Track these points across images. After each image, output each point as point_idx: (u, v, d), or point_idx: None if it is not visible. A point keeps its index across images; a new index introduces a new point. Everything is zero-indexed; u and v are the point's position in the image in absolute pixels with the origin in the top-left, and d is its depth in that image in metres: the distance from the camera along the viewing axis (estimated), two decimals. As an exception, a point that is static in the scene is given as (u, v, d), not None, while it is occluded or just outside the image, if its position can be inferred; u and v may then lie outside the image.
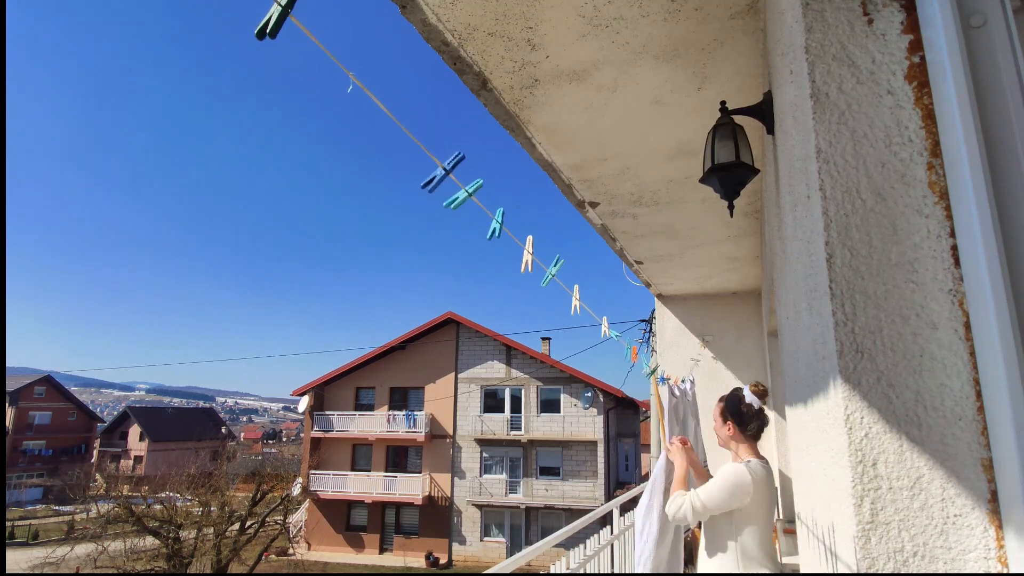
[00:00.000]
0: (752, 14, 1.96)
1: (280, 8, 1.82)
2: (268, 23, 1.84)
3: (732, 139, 2.15)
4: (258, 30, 1.85)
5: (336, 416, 26.84)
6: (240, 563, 18.94)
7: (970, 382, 0.88)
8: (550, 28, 2.01)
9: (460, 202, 3.03)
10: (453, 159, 2.83)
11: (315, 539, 26.13)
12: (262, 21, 1.85)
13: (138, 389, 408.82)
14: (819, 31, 1.05)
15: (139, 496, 20.72)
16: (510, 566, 2.43)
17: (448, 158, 2.84)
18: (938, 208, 0.93)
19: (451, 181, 2.86)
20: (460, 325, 26.53)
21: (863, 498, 0.90)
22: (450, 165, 2.81)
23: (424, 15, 1.93)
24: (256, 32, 1.85)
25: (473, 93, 2.41)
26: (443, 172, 2.76)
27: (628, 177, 3.31)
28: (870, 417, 0.92)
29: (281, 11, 1.82)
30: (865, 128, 0.99)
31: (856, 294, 0.96)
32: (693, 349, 6.31)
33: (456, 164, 2.83)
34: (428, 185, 2.81)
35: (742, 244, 4.61)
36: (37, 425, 45.22)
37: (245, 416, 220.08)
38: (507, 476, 25.02)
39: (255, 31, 1.85)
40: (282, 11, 1.82)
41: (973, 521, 0.85)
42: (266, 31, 1.84)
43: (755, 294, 6.24)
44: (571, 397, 24.79)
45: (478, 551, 24.56)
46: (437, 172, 2.80)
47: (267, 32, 1.84)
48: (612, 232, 4.32)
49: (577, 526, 3.44)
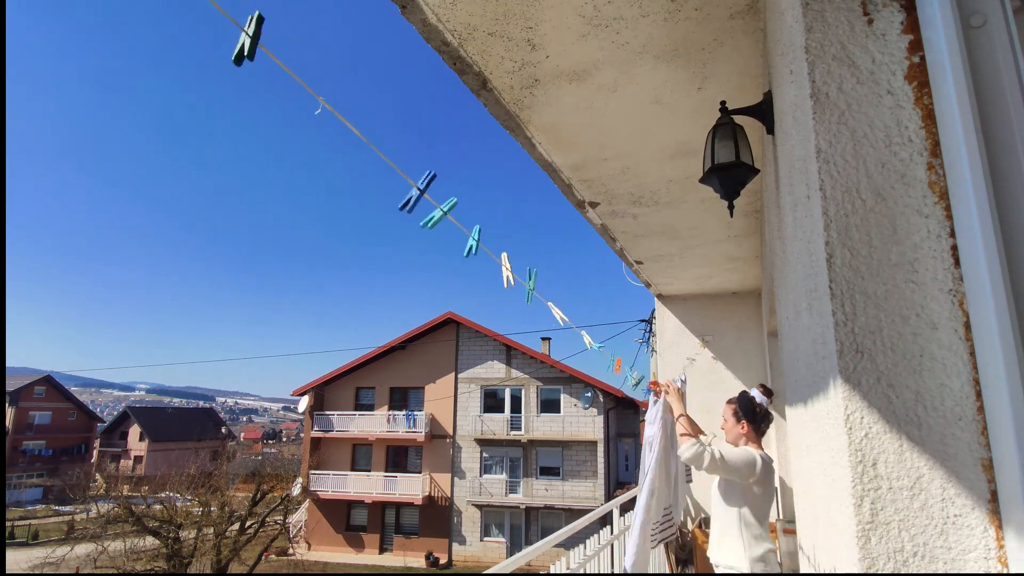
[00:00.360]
0: (752, 14, 1.96)
1: (248, 37, 1.85)
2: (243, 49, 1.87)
3: (732, 139, 2.15)
4: (235, 56, 1.87)
5: (336, 416, 26.84)
6: (240, 563, 18.94)
7: (970, 382, 0.88)
8: (550, 28, 2.01)
9: (436, 221, 3.05)
10: (426, 178, 2.85)
11: (315, 539, 26.13)
12: (236, 49, 1.88)
13: (138, 389, 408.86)
14: (819, 31, 1.05)
15: (139, 496, 20.73)
16: (510, 566, 2.43)
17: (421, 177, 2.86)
18: (938, 208, 0.93)
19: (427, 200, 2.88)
20: (460, 325, 26.54)
21: (863, 498, 0.90)
22: (423, 184, 2.83)
23: (424, 15, 1.93)
24: (233, 58, 1.88)
25: (473, 93, 2.41)
26: (418, 192, 2.79)
27: (628, 177, 3.31)
28: (870, 417, 0.92)
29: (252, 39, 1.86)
30: (865, 128, 0.99)
31: (856, 294, 0.96)
32: (693, 349, 6.31)
33: (429, 183, 2.86)
34: (406, 207, 2.85)
35: (742, 244, 4.61)
36: (37, 425, 45.22)
37: (245, 416, 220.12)
38: (507, 476, 25.03)
39: (232, 57, 1.88)
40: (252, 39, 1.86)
41: (973, 521, 0.85)
42: (243, 56, 1.87)
43: (755, 294, 6.24)
44: (571, 397, 24.79)
45: (478, 551, 24.56)
46: (412, 193, 2.83)
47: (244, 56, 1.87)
48: (612, 232, 4.32)
49: (577, 526, 3.45)
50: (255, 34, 1.86)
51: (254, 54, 1.87)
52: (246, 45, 1.86)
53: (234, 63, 1.88)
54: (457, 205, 3.06)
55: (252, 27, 1.87)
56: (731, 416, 2.97)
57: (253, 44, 1.85)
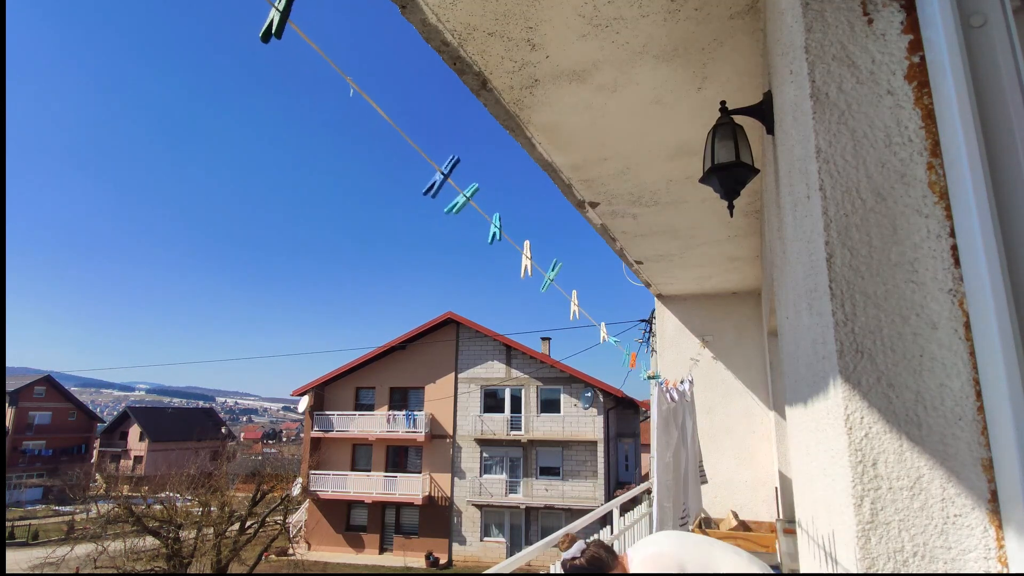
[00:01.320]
0: (752, 14, 1.96)
1: (279, 13, 1.83)
2: (271, 25, 1.84)
3: (732, 139, 2.15)
4: (262, 33, 1.85)
5: (336, 416, 26.83)
6: (240, 563, 18.94)
7: (970, 382, 0.88)
8: (550, 28, 2.01)
9: (460, 206, 3.04)
10: (449, 162, 2.85)
11: (315, 539, 26.12)
12: (264, 24, 1.85)
13: (138, 389, 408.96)
14: (819, 31, 1.05)
15: (139, 496, 20.72)
16: (510, 566, 2.43)
17: (444, 162, 2.86)
18: (938, 208, 0.93)
19: (450, 186, 2.88)
20: (460, 325, 26.53)
21: (863, 498, 0.90)
22: (447, 169, 2.83)
23: (424, 15, 1.93)
24: (261, 35, 1.85)
25: (473, 93, 2.41)
26: (442, 177, 2.78)
27: (628, 177, 3.31)
28: (870, 417, 0.92)
29: (281, 15, 1.83)
30: (865, 128, 0.99)
31: (856, 294, 0.96)
32: (693, 349, 6.31)
33: (453, 168, 2.85)
34: (429, 191, 2.84)
35: (742, 244, 4.61)
36: (37, 425, 45.21)
37: (245, 416, 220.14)
38: (507, 476, 25.02)
39: (260, 34, 1.85)
40: (281, 15, 1.83)
41: (973, 521, 0.85)
42: (271, 33, 1.84)
43: (755, 294, 6.24)
44: (571, 397, 24.78)
45: (478, 551, 24.55)
46: (436, 177, 2.83)
47: (272, 34, 1.84)
48: (612, 232, 4.32)
49: (577, 526, 3.44)
50: (285, 8, 1.82)
51: (282, 31, 1.83)
52: (275, 21, 1.82)
53: (261, 40, 1.84)
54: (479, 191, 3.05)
55: (283, 2, 1.82)
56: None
57: (282, 20, 1.81)
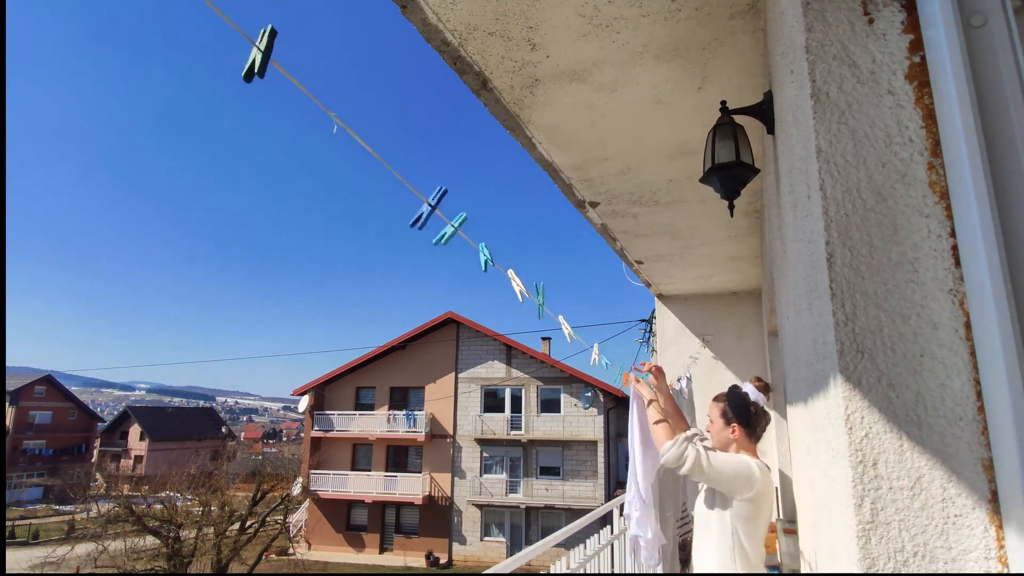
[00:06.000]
0: (752, 14, 1.96)
1: (260, 52, 1.82)
2: (253, 65, 1.84)
3: (732, 139, 2.15)
4: (245, 73, 1.84)
5: (336, 416, 26.85)
6: (240, 563, 18.95)
7: (970, 382, 0.88)
8: (550, 28, 2.01)
9: (448, 237, 3.05)
10: (437, 194, 2.86)
11: (315, 539, 26.14)
12: (247, 64, 1.84)
13: (138, 389, 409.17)
14: (819, 31, 1.05)
15: (139, 496, 20.74)
16: (510, 566, 2.43)
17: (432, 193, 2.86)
18: (938, 208, 0.93)
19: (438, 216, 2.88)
20: (460, 325, 26.54)
21: (863, 498, 0.90)
22: (435, 200, 2.83)
23: (424, 15, 1.93)
24: (243, 75, 1.84)
25: (473, 93, 2.41)
26: (429, 208, 2.79)
27: (628, 177, 3.31)
28: (870, 417, 0.92)
29: (263, 54, 1.82)
30: (865, 128, 0.99)
31: (856, 294, 0.96)
32: (693, 349, 6.31)
33: (440, 199, 2.86)
34: (417, 223, 2.84)
35: (742, 244, 4.61)
36: (37, 425, 45.25)
37: (245, 416, 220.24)
38: (507, 476, 25.03)
39: (242, 74, 1.84)
40: (263, 55, 1.82)
41: (973, 521, 0.85)
42: (253, 72, 1.84)
43: (755, 294, 6.24)
44: (571, 397, 24.79)
45: (478, 551, 24.56)
46: (423, 209, 2.83)
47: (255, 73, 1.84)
48: (612, 232, 4.32)
49: (577, 526, 3.44)
50: (267, 49, 1.81)
51: (264, 71, 1.82)
52: (257, 61, 1.81)
53: (244, 79, 1.82)
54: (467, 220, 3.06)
55: (264, 42, 1.81)
56: (719, 417, 2.40)
57: (264, 60, 1.81)
